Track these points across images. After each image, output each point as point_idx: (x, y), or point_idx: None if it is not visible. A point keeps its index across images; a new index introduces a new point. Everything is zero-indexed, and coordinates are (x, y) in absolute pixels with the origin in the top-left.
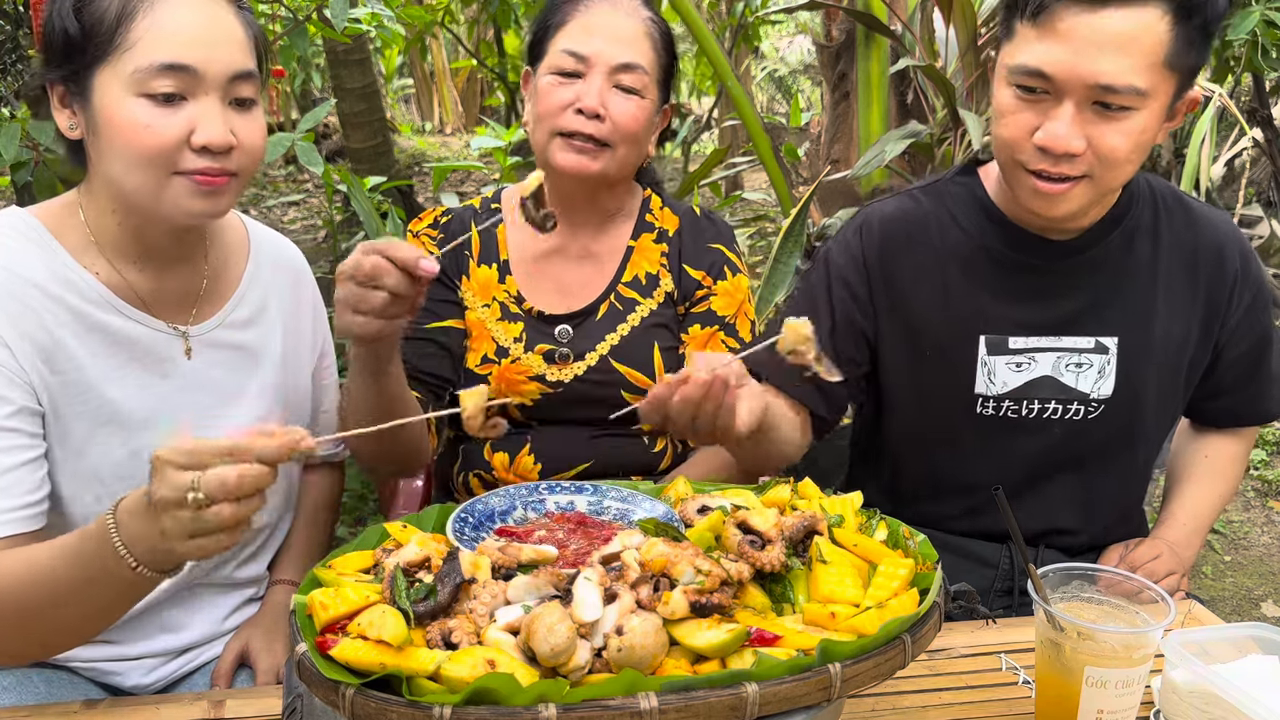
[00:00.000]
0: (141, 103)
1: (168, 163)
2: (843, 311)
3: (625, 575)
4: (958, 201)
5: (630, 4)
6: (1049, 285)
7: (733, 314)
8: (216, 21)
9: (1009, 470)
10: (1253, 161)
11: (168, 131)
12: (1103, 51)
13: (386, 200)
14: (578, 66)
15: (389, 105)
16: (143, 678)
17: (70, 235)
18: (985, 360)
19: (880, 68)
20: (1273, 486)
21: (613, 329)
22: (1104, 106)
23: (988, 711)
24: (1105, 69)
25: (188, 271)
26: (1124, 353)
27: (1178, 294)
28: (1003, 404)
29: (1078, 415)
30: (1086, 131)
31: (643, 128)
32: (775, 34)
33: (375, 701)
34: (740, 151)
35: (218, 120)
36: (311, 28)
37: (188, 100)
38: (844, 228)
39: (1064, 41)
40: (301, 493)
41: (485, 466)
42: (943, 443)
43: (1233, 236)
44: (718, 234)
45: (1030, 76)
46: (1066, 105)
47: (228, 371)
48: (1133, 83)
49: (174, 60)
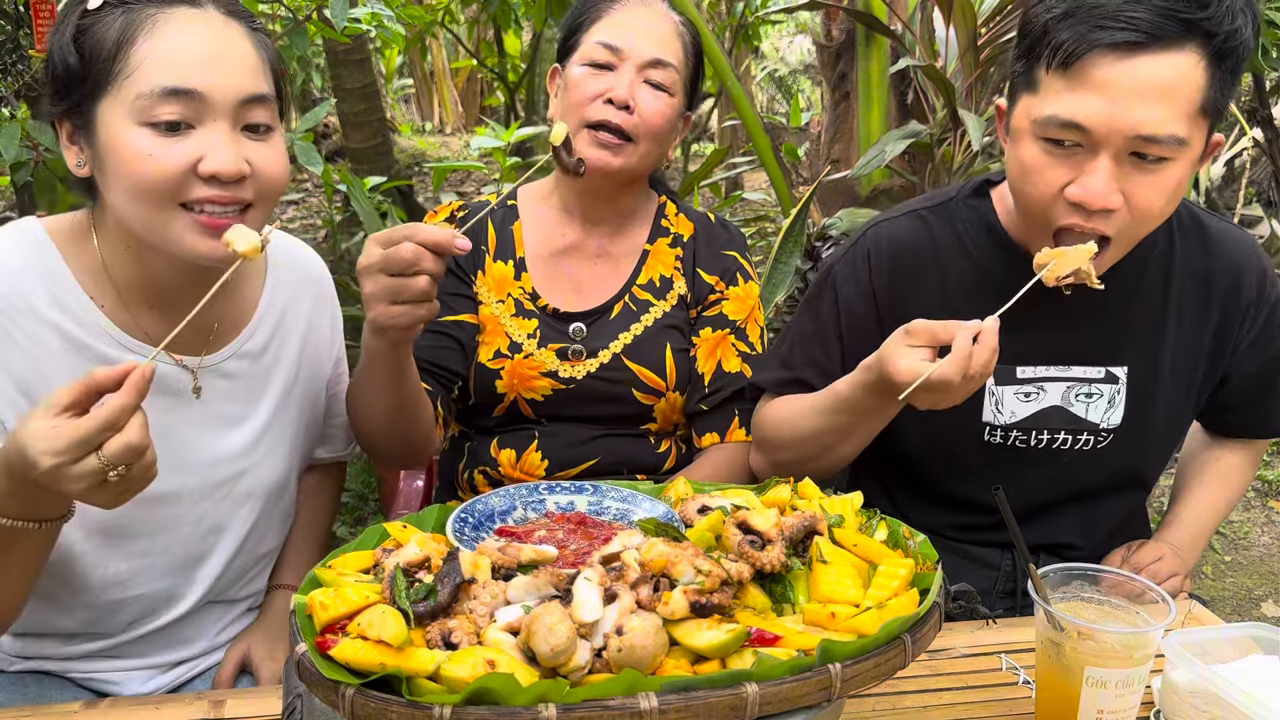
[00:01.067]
0: (144, 132)
1: (173, 194)
2: (852, 341)
3: (625, 575)
4: (968, 226)
5: (662, 5)
6: (1057, 314)
7: (744, 319)
8: (224, 42)
9: (1016, 497)
10: (1253, 161)
11: (171, 161)
12: (1143, 100)
13: (386, 200)
14: (610, 58)
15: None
16: (140, 686)
17: (80, 258)
18: (993, 390)
19: (880, 68)
20: (1273, 486)
21: (626, 328)
22: (1141, 158)
23: (988, 711)
24: (1145, 118)
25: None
26: (1133, 381)
27: (1189, 320)
28: (1011, 434)
29: (1087, 445)
30: (1123, 185)
31: (668, 125)
32: (775, 34)
33: (375, 702)
34: (740, 151)
35: (227, 147)
36: (311, 28)
37: (195, 128)
38: (851, 247)
39: (1100, 91)
40: (301, 495)
41: (491, 463)
42: (949, 468)
43: (1251, 258)
44: (731, 241)
45: (1064, 129)
46: (1103, 158)
47: (234, 402)
48: (1174, 132)
49: (177, 85)
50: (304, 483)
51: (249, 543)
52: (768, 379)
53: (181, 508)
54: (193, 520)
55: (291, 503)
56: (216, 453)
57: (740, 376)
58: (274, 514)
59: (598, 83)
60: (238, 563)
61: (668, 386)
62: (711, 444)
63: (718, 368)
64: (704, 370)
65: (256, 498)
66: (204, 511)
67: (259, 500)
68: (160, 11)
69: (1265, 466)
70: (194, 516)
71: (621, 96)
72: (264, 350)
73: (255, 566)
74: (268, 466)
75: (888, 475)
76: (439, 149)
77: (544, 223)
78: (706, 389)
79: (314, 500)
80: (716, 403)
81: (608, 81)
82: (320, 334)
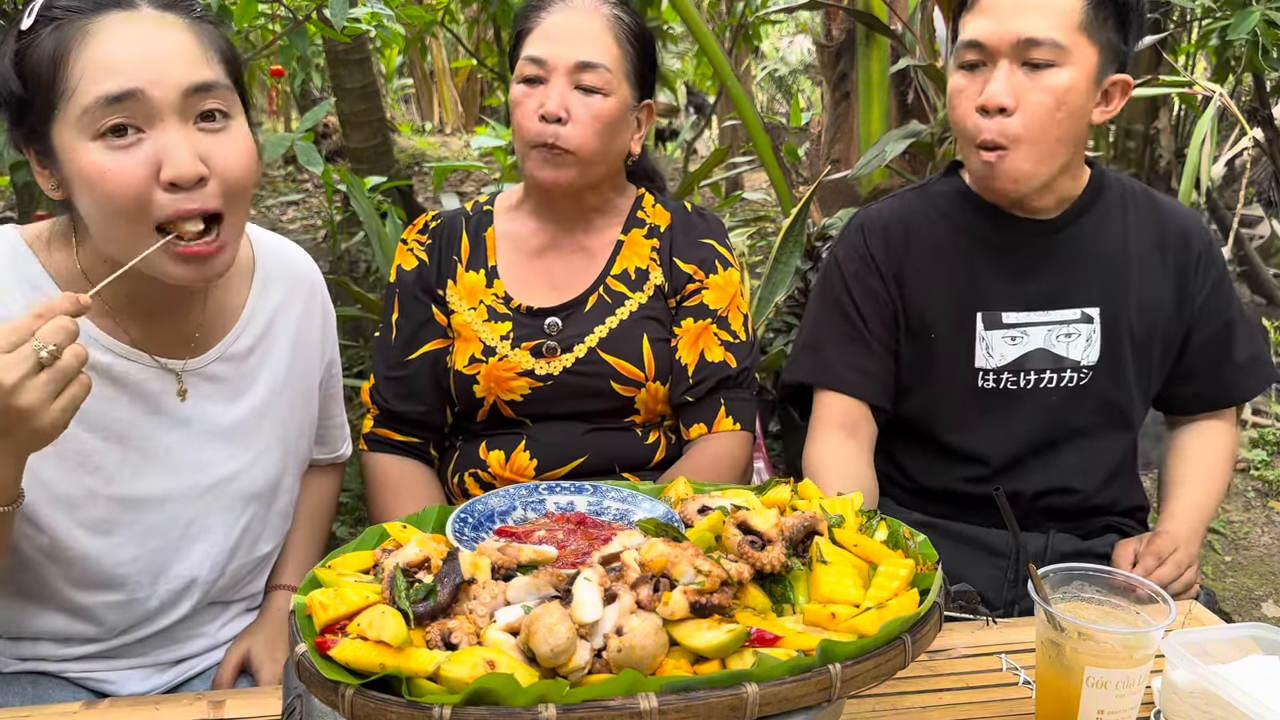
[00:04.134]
0: (97, 146)
1: (142, 211)
2: (867, 305)
3: (625, 575)
4: (944, 198)
5: (590, 3)
6: (1033, 262)
7: (724, 307)
8: (160, 37)
9: (1013, 440)
10: (1253, 161)
11: (130, 172)
12: (1022, 13)
13: (386, 200)
14: (539, 71)
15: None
16: (138, 686)
17: (60, 264)
18: (983, 335)
19: (880, 68)
20: (1273, 486)
21: (601, 321)
22: (1031, 67)
23: (988, 711)
24: (1025, 25)
25: (183, 314)
26: (1105, 320)
27: (1149, 271)
28: (1002, 376)
29: (1070, 382)
30: (1017, 90)
31: (608, 126)
32: (775, 34)
33: (375, 702)
34: (740, 151)
35: (182, 147)
36: (311, 27)
37: (145, 131)
38: (844, 232)
39: (989, 13)
40: (300, 495)
41: (481, 465)
42: (950, 418)
43: (1196, 223)
44: (709, 229)
45: (967, 50)
46: (1000, 67)
47: (220, 404)
48: (1052, 36)
49: (116, 90)
50: (303, 483)
51: (243, 545)
52: (799, 371)
53: (170, 511)
54: (183, 524)
55: (289, 504)
56: (204, 456)
57: (724, 366)
58: (268, 517)
59: (532, 100)
60: (233, 566)
61: (647, 377)
62: (699, 435)
63: (701, 358)
64: (687, 361)
65: (249, 500)
66: (194, 515)
67: (251, 503)
68: (90, 21)
69: (1265, 466)
70: (184, 519)
71: (552, 110)
72: (250, 352)
73: (253, 569)
74: (259, 469)
75: (889, 436)
76: (439, 149)
77: (518, 226)
78: (690, 380)
79: (313, 500)
80: (701, 393)
81: (540, 96)
82: (310, 334)
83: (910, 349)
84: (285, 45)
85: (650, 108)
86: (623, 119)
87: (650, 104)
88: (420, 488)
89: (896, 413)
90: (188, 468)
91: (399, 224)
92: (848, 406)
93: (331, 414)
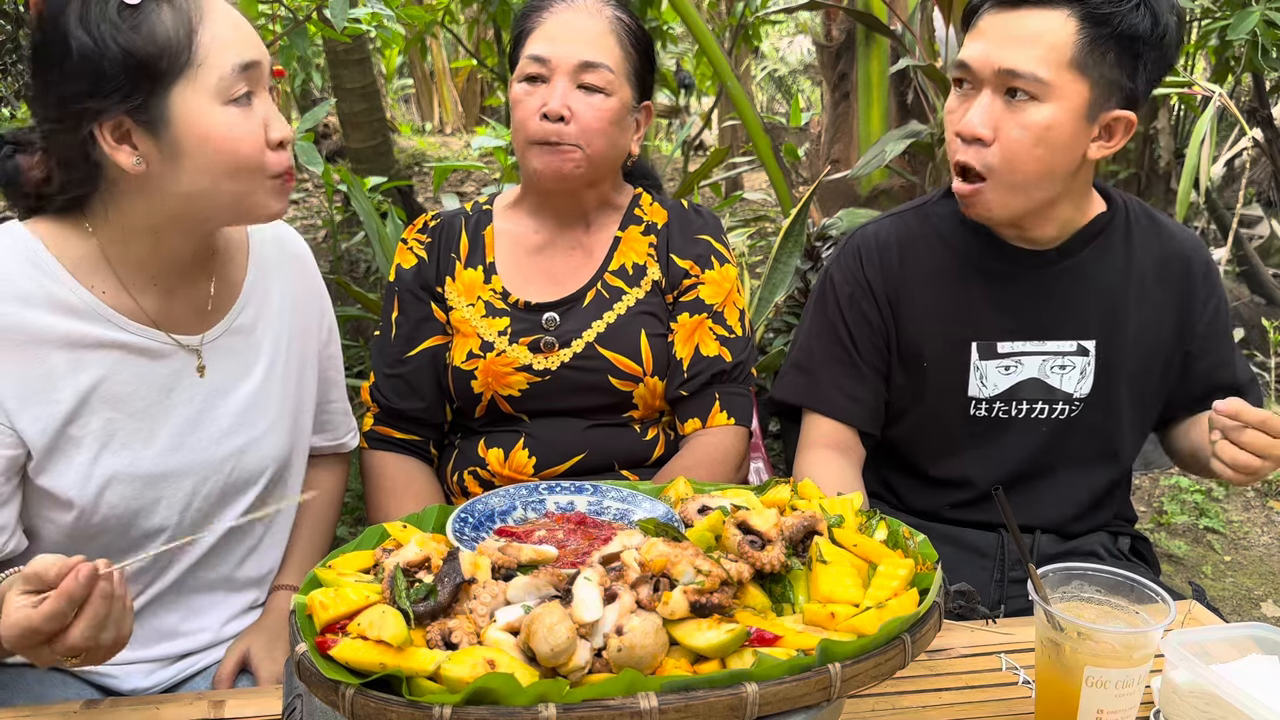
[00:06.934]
0: (230, 110)
1: (260, 166)
2: (860, 330)
3: (625, 575)
4: (943, 221)
5: (593, 4)
6: (1031, 293)
7: (720, 302)
8: (245, 19)
9: (1002, 468)
10: (1253, 161)
11: (256, 134)
12: (1012, 43)
13: (386, 200)
14: (541, 70)
15: (389, 105)
16: (141, 681)
17: (73, 252)
18: (977, 365)
19: (880, 68)
20: (1273, 486)
21: (599, 316)
22: (1011, 96)
23: (988, 711)
24: (1011, 56)
25: (197, 286)
26: (1101, 354)
27: (1150, 299)
28: (994, 405)
29: (1061, 414)
30: (995, 120)
31: (610, 125)
32: (775, 34)
33: (375, 702)
34: (740, 151)
35: (278, 114)
36: (311, 27)
37: (253, 98)
38: (840, 252)
39: (982, 37)
40: (305, 490)
41: (480, 463)
42: (938, 444)
43: (1197, 249)
44: (705, 225)
45: (958, 70)
46: (984, 94)
47: (233, 377)
48: (1034, 71)
49: (248, 59)
50: (308, 477)
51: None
52: (788, 390)
53: (188, 486)
54: (201, 498)
55: (298, 487)
56: (219, 429)
57: (719, 360)
58: (279, 496)
59: (533, 98)
60: (246, 544)
61: (645, 372)
62: (694, 430)
63: (695, 352)
64: (682, 356)
65: (262, 476)
66: (209, 490)
67: (264, 479)
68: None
69: None
70: (203, 494)
71: (554, 109)
72: (255, 324)
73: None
74: (270, 442)
75: (877, 458)
76: (439, 149)
77: (516, 224)
78: (685, 374)
79: (317, 500)
80: (696, 388)
81: (542, 95)
82: (306, 307)
83: (902, 374)
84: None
85: (649, 109)
86: (623, 119)
87: (649, 105)
88: (420, 486)
89: (885, 436)
90: (205, 442)
91: (399, 224)
92: (836, 429)
93: (332, 398)
